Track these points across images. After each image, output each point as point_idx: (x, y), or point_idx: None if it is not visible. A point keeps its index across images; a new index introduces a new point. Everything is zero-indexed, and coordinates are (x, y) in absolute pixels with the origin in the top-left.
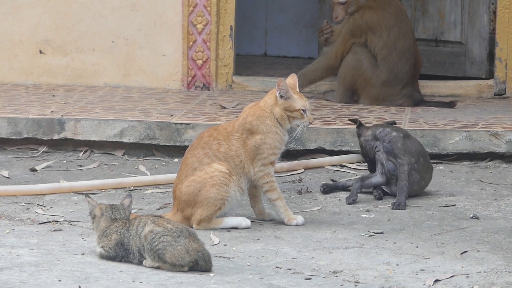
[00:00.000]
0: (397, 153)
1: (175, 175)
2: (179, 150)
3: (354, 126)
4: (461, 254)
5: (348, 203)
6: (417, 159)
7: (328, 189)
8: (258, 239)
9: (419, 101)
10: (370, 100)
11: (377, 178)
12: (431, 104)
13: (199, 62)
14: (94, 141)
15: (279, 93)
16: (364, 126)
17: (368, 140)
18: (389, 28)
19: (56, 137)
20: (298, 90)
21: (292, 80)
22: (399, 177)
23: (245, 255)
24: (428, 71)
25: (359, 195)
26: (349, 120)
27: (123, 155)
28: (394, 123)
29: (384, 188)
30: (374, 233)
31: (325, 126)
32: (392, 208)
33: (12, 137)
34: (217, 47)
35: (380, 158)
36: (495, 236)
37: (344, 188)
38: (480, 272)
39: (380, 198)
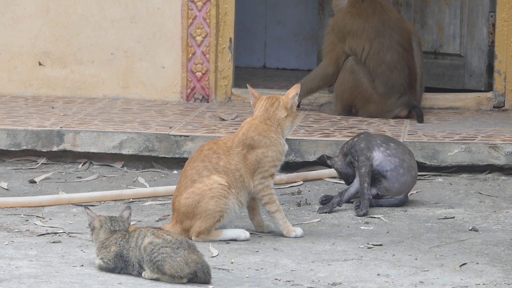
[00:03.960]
0: (359, 154)
1: (174, 187)
2: (178, 162)
3: (327, 163)
4: (460, 266)
5: (319, 213)
6: (387, 146)
7: (327, 201)
8: (257, 251)
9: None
10: (369, 114)
11: (356, 185)
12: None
13: (198, 74)
14: (93, 153)
15: (296, 100)
16: (332, 156)
17: (342, 163)
18: (370, 40)
19: (55, 149)
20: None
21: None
22: (359, 183)
23: (244, 267)
24: (427, 84)
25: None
26: (317, 160)
27: (122, 167)
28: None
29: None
30: (373, 245)
31: (324, 138)
32: (356, 215)
33: (11, 149)
34: (216, 59)
35: (355, 165)
36: (494, 248)
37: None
38: (479, 284)
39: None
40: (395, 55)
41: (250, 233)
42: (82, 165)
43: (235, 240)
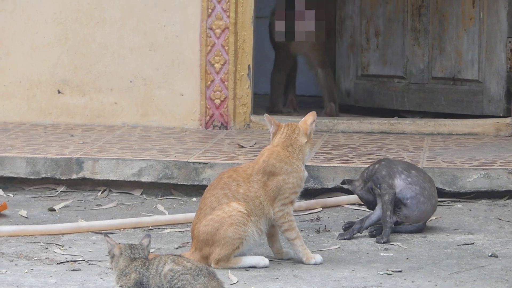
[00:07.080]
0: (381, 181)
1: (193, 214)
2: (197, 189)
3: (348, 187)
4: None
5: (339, 239)
6: (408, 173)
7: (350, 228)
8: (277, 278)
9: None
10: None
11: (377, 213)
12: None
13: (217, 101)
14: (112, 180)
15: (314, 127)
16: (353, 179)
17: (362, 188)
18: None
19: (74, 176)
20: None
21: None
22: (381, 211)
23: None
24: (445, 110)
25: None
26: (341, 185)
27: (141, 194)
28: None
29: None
30: (393, 271)
31: (343, 165)
32: (376, 242)
33: (31, 177)
34: (235, 87)
35: (377, 193)
36: None
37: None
38: None
39: (374, 235)
40: None
41: (270, 260)
42: (101, 193)
43: (254, 267)
